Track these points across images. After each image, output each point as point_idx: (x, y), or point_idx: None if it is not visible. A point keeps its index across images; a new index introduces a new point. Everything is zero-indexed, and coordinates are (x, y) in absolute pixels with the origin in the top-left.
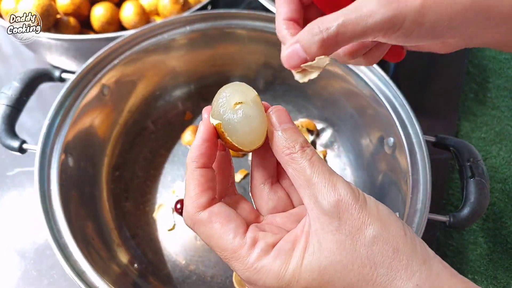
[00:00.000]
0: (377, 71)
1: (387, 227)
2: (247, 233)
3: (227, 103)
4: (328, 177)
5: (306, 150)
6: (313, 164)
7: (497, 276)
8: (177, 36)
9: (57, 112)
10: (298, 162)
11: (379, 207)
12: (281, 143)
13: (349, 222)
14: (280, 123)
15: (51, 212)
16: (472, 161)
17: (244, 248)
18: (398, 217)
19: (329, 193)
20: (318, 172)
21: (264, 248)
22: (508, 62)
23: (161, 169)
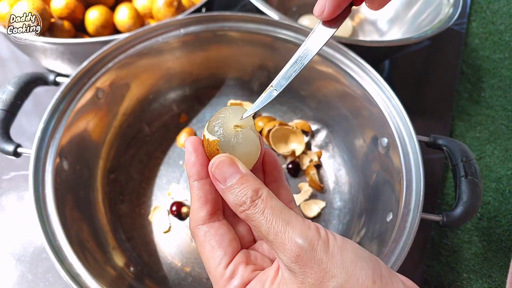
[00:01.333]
0: (370, 72)
1: (352, 276)
2: (230, 264)
3: (227, 124)
4: (284, 229)
5: (257, 202)
6: (266, 217)
7: (492, 274)
8: (171, 39)
9: (52, 115)
10: (252, 218)
11: (344, 253)
12: (232, 200)
13: (311, 275)
14: (225, 178)
15: (46, 215)
16: (465, 161)
17: (223, 279)
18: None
19: (287, 249)
20: (273, 225)
21: (237, 285)
22: (502, 61)
23: (156, 171)
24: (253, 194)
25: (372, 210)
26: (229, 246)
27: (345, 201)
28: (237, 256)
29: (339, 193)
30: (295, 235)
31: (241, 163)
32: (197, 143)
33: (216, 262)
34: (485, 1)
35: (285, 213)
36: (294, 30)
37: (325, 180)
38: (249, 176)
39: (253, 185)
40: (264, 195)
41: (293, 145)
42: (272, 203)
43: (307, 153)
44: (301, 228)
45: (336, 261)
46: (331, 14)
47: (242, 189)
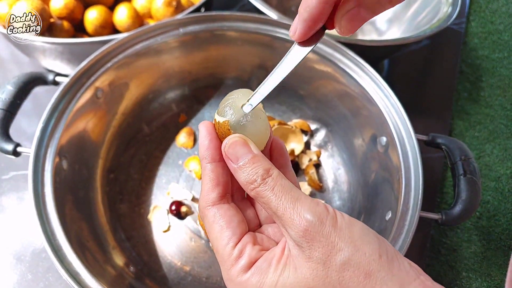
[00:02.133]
0: (369, 71)
1: (360, 250)
2: (238, 244)
3: (236, 105)
4: (293, 206)
5: (268, 180)
6: (276, 194)
7: (491, 273)
8: (171, 38)
9: (51, 115)
10: (262, 195)
11: (352, 228)
12: (243, 178)
13: (319, 249)
14: (238, 157)
15: (46, 214)
16: (463, 159)
17: (230, 258)
18: (376, 236)
19: (296, 224)
20: (282, 201)
21: (245, 264)
22: (501, 61)
23: (155, 171)
24: (264, 172)
25: (371, 209)
26: (237, 227)
27: (344, 200)
28: (245, 237)
29: (338, 192)
30: (303, 211)
31: (253, 143)
32: (211, 127)
33: (224, 242)
34: (484, 1)
35: (294, 191)
36: None
37: (324, 179)
38: (260, 156)
39: (264, 165)
40: (275, 174)
41: (292, 144)
42: (282, 182)
43: (306, 153)
44: (310, 204)
45: (344, 235)
46: (303, 35)
47: (254, 168)
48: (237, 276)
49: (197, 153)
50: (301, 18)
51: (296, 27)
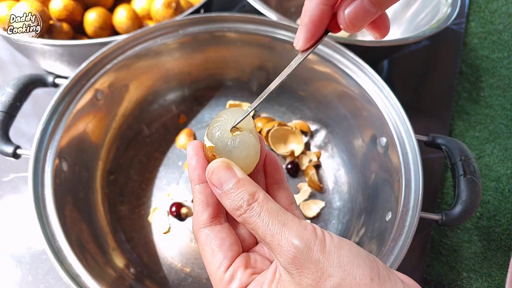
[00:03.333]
0: (368, 71)
1: (350, 274)
2: (230, 268)
3: (224, 127)
4: (280, 231)
5: (254, 205)
6: (263, 220)
7: (492, 273)
8: (170, 40)
9: (51, 117)
10: (249, 221)
11: (341, 252)
12: (229, 204)
13: (308, 275)
14: (222, 183)
15: (46, 216)
16: (463, 160)
17: (222, 282)
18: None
19: (284, 250)
20: (270, 227)
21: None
22: (501, 61)
23: (156, 172)
24: (250, 197)
25: (371, 210)
26: (229, 250)
27: (344, 200)
28: (237, 260)
29: (338, 193)
30: (291, 236)
31: (237, 167)
32: (199, 147)
33: (216, 265)
34: (483, 1)
35: (281, 215)
36: (292, 30)
37: (324, 180)
38: (245, 180)
39: (250, 189)
40: (261, 198)
41: (292, 145)
42: (268, 206)
43: (306, 153)
44: (298, 229)
45: (333, 260)
46: (307, 42)
47: (239, 193)
48: None
49: None
50: (303, 24)
51: (299, 35)
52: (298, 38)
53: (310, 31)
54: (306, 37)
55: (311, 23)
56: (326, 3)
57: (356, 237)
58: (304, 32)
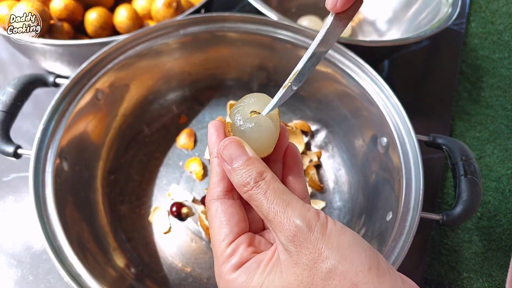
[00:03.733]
0: (369, 71)
1: (347, 260)
2: (233, 243)
3: (245, 109)
4: (283, 210)
5: (261, 183)
6: (268, 198)
7: (492, 273)
8: (171, 40)
9: (51, 117)
10: (254, 198)
11: (342, 237)
12: (237, 180)
13: (306, 255)
14: (232, 159)
15: (46, 216)
16: (464, 160)
17: (223, 255)
18: (369, 248)
19: (285, 228)
20: (274, 205)
21: (235, 263)
22: (502, 61)
23: (156, 172)
24: (257, 175)
25: (372, 210)
26: (236, 225)
27: (344, 200)
28: (241, 237)
29: (339, 193)
30: (293, 216)
31: (249, 146)
32: (219, 124)
33: (221, 238)
34: (484, 1)
35: (286, 195)
36: (292, 30)
37: (325, 180)
38: (255, 159)
39: (258, 168)
40: (268, 177)
41: None
42: (275, 185)
43: (306, 153)
44: (301, 210)
45: (332, 243)
46: (343, 5)
47: (247, 170)
48: (226, 274)
49: (197, 154)
50: None
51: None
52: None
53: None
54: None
55: None
56: None
57: None
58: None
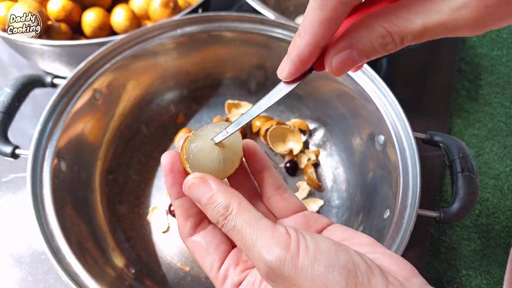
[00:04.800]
0: (366, 70)
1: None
2: (221, 268)
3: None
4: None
5: (228, 219)
6: (238, 233)
7: (491, 271)
8: (168, 39)
9: (49, 117)
10: (228, 234)
11: (315, 267)
12: (210, 218)
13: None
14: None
15: (44, 216)
16: (461, 157)
17: (218, 282)
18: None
19: (258, 265)
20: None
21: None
22: (500, 59)
23: (154, 172)
24: (224, 211)
25: (370, 208)
26: (216, 251)
27: (343, 199)
28: (227, 258)
29: (337, 191)
30: (264, 252)
31: (211, 177)
32: (174, 159)
33: (208, 267)
34: None
35: (255, 227)
36: (289, 29)
37: (323, 179)
38: (219, 192)
39: (224, 202)
40: (235, 210)
41: (291, 144)
42: (242, 218)
43: (305, 152)
44: (270, 243)
45: (305, 277)
46: (290, 75)
47: (214, 208)
48: None
49: None
50: (290, 58)
51: (285, 66)
52: (283, 68)
53: (296, 67)
54: (291, 72)
55: (298, 60)
56: (317, 46)
57: None
58: (290, 66)
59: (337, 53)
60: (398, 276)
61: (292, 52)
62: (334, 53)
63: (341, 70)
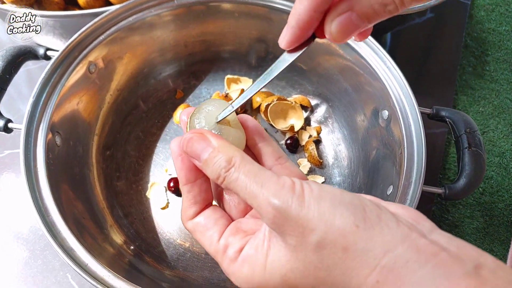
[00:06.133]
0: (372, 43)
1: (332, 226)
2: (221, 239)
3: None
4: (259, 192)
5: (231, 171)
6: (241, 183)
7: (493, 249)
8: (165, 10)
9: (42, 90)
10: (230, 187)
11: (321, 203)
12: (209, 174)
13: (291, 234)
14: (199, 155)
15: (38, 190)
16: (468, 132)
17: (219, 253)
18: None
19: (265, 212)
20: (250, 190)
21: (232, 256)
22: (508, 34)
23: (153, 148)
24: (226, 164)
25: (372, 184)
26: (215, 225)
27: (344, 176)
28: (227, 230)
29: (338, 168)
30: (269, 196)
31: (212, 134)
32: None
33: (208, 242)
34: None
35: (259, 176)
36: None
37: (324, 156)
38: (221, 147)
39: (226, 155)
40: (238, 162)
41: (292, 120)
42: (246, 168)
43: (306, 129)
44: (275, 188)
45: (313, 213)
46: (291, 44)
47: (216, 162)
48: (229, 268)
49: None
50: (290, 25)
51: (285, 34)
52: (284, 37)
53: (296, 34)
54: (291, 39)
55: (297, 26)
56: (316, 10)
57: None
58: (289, 34)
59: (336, 17)
60: (407, 218)
61: (291, 18)
62: (333, 17)
63: (341, 36)
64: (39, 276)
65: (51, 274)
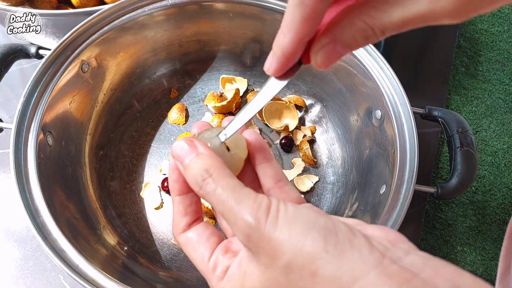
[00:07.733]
0: None
1: (302, 250)
2: (211, 258)
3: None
4: (234, 208)
5: (208, 181)
6: (218, 197)
7: (486, 247)
8: (158, 10)
9: (34, 88)
10: (206, 198)
11: (294, 227)
12: (189, 181)
13: (263, 254)
14: (183, 158)
15: (29, 190)
16: (460, 132)
17: (209, 272)
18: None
19: (239, 228)
20: (224, 205)
21: (219, 274)
22: (501, 34)
23: (147, 148)
24: (204, 173)
25: (365, 184)
26: (207, 242)
27: (338, 175)
28: (217, 249)
29: (332, 168)
30: (244, 214)
31: (199, 141)
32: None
33: (200, 259)
34: None
35: (237, 192)
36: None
37: (319, 155)
38: (204, 155)
39: (206, 164)
40: (215, 173)
41: (287, 120)
42: (223, 182)
43: (300, 128)
44: (252, 207)
45: (284, 236)
46: (277, 71)
47: (196, 168)
48: (217, 285)
49: (189, 129)
50: (275, 55)
51: (271, 63)
52: (270, 65)
53: (282, 63)
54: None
55: (283, 56)
56: (300, 42)
57: (349, 211)
58: (276, 63)
59: (320, 48)
60: (383, 241)
61: (276, 49)
62: (318, 48)
63: (326, 64)
64: (30, 277)
65: (43, 275)
